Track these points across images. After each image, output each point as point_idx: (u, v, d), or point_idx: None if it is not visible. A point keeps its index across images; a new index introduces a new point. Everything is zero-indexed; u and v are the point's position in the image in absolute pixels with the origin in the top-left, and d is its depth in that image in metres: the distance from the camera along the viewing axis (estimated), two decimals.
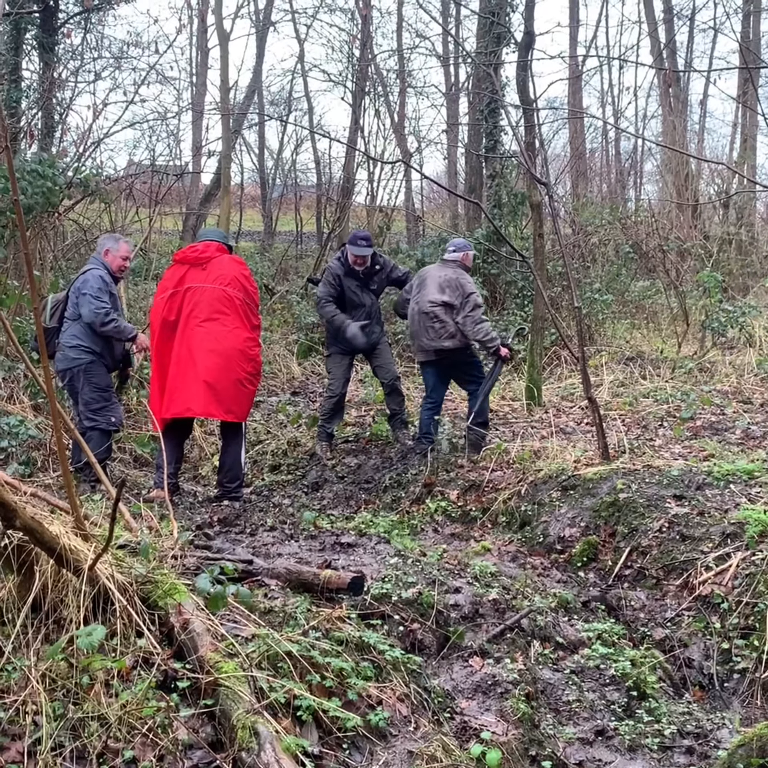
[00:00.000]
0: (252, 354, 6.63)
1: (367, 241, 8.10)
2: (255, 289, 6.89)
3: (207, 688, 3.20)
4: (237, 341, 6.53)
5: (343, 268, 8.11)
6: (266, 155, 26.36)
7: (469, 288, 7.85)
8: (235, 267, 6.81)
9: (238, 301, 6.61)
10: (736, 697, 4.51)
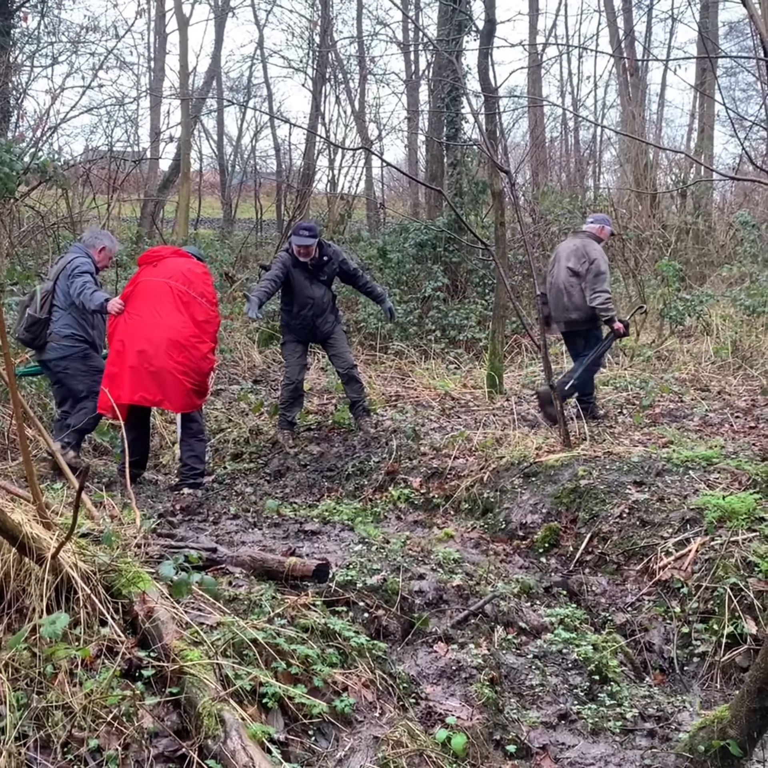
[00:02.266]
0: (186, 345, 6.50)
1: (310, 231, 7.95)
2: (207, 285, 6.80)
3: (172, 676, 3.18)
4: (170, 331, 6.47)
5: (292, 259, 8.00)
6: (225, 142, 26.20)
7: (594, 255, 7.94)
8: (184, 263, 6.83)
9: (179, 293, 6.59)
10: (696, 681, 4.59)
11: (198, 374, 6.62)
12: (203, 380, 6.75)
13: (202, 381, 6.74)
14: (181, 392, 6.56)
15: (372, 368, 11.14)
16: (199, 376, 6.64)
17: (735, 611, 4.73)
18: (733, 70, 23.84)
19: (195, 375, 6.60)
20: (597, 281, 7.80)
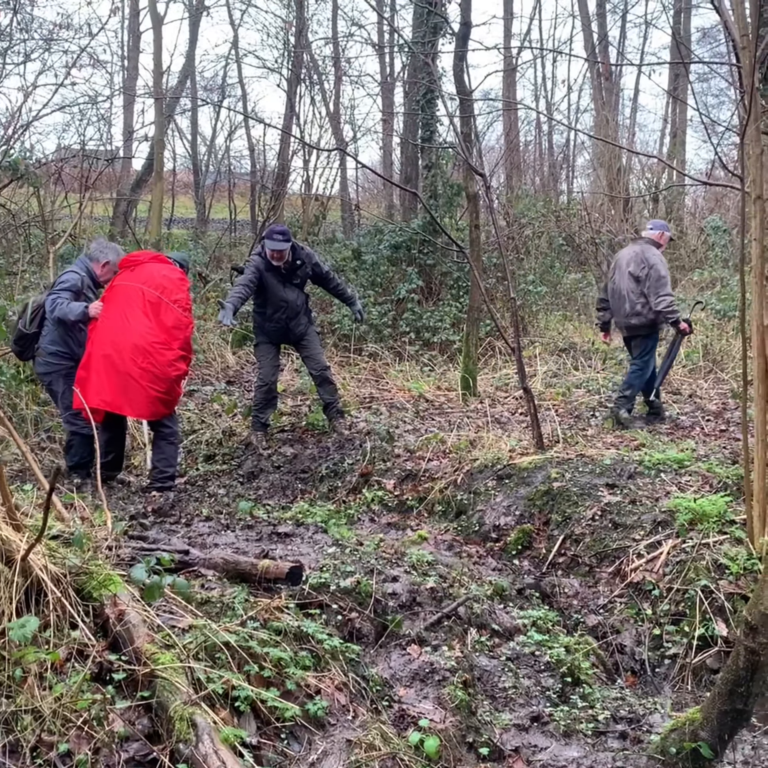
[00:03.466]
0: (151, 350, 6.43)
1: (284, 235, 7.90)
2: (181, 290, 6.74)
3: (143, 679, 3.16)
4: (135, 336, 6.42)
5: (265, 263, 7.96)
6: (199, 141, 26.09)
7: (653, 260, 8.10)
8: (161, 269, 6.77)
9: (149, 298, 6.54)
10: (667, 683, 4.62)
11: (164, 381, 6.52)
12: (170, 387, 6.63)
13: (169, 388, 6.63)
14: (144, 399, 6.48)
15: (346, 370, 11.13)
16: (165, 384, 6.54)
17: (706, 613, 4.76)
18: (706, 75, 24.05)
19: (160, 382, 6.50)
20: (659, 285, 7.99)
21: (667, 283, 8.03)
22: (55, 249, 10.60)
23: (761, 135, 4.65)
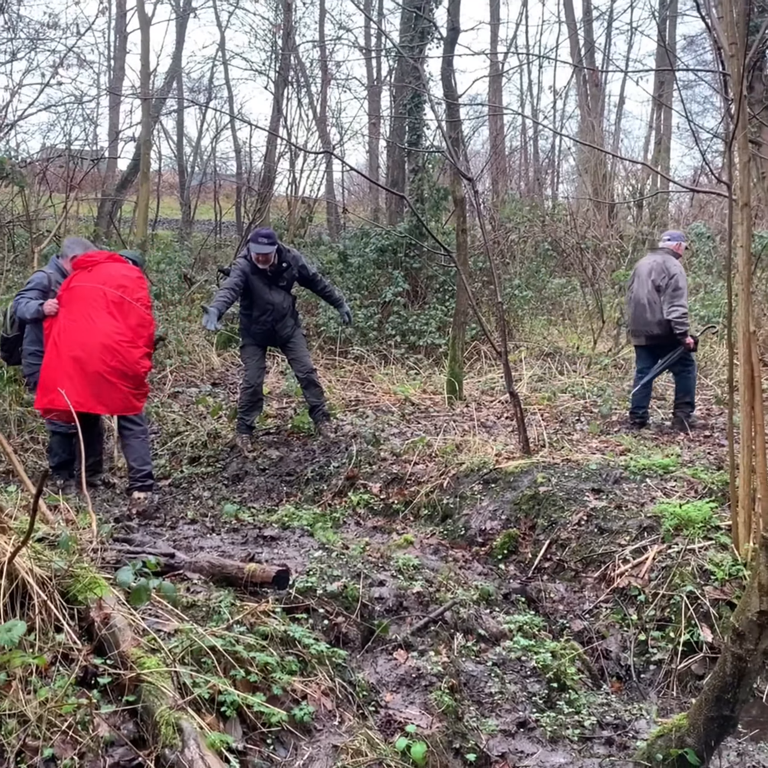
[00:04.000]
0: (119, 349, 6.47)
1: (269, 238, 7.87)
2: (141, 289, 6.79)
3: (129, 684, 3.13)
4: (103, 336, 6.45)
5: (250, 266, 7.93)
6: (185, 143, 26.04)
7: (674, 270, 8.21)
8: (119, 268, 6.81)
9: (112, 299, 6.58)
10: (652, 688, 4.62)
11: (133, 378, 6.60)
12: (140, 383, 6.72)
13: (139, 384, 6.71)
14: (117, 395, 6.54)
15: (332, 373, 11.12)
16: (135, 380, 6.62)
17: (691, 619, 4.77)
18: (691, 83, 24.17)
19: (130, 379, 6.58)
20: (675, 296, 8.09)
21: (683, 294, 8.15)
22: (39, 249, 10.53)
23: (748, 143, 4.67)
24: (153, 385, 10.24)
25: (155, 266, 13.88)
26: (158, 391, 10.11)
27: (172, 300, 13.26)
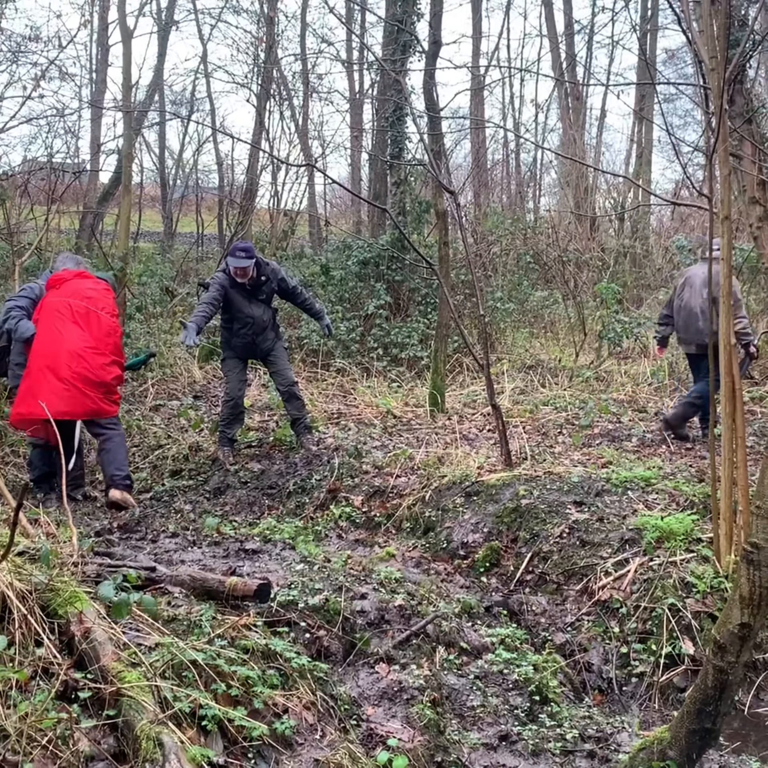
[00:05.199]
0: (84, 355, 6.65)
1: (247, 252, 7.87)
2: (107, 298, 6.99)
3: (109, 698, 3.10)
4: (68, 344, 6.64)
5: (229, 280, 7.93)
6: (167, 155, 26.01)
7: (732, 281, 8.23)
8: (86, 283, 7.01)
9: (77, 309, 6.78)
10: (634, 701, 4.62)
11: (100, 384, 6.72)
12: (108, 389, 6.83)
13: (108, 390, 6.83)
14: (84, 401, 6.65)
15: (314, 385, 11.10)
16: (102, 386, 6.75)
17: (673, 632, 4.78)
18: (671, 96, 24.40)
19: (96, 385, 6.70)
20: (736, 307, 8.13)
21: (742, 305, 8.28)
22: (20, 262, 10.49)
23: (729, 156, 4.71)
24: (134, 398, 10.21)
25: (137, 279, 13.86)
26: (140, 404, 10.07)
27: (154, 313, 13.24)
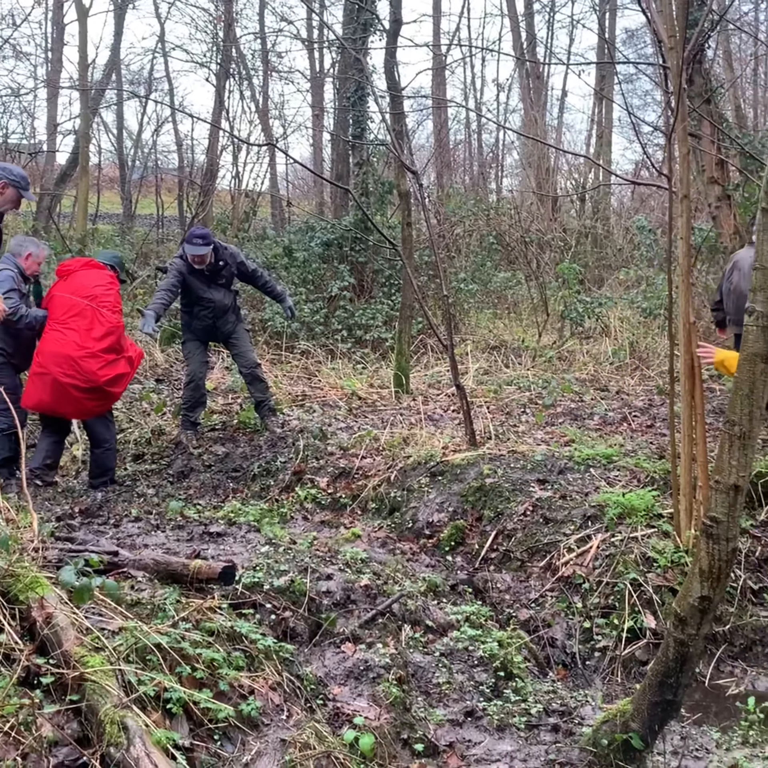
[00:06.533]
0: (77, 359, 6.59)
1: (204, 238, 7.79)
2: (109, 294, 6.89)
3: (72, 683, 3.08)
4: (66, 348, 6.60)
5: (187, 266, 7.86)
6: (125, 136, 25.67)
7: None
8: (91, 277, 6.92)
9: (79, 308, 6.73)
10: (597, 675, 4.68)
11: (91, 390, 6.67)
12: (101, 394, 6.77)
13: (100, 395, 6.77)
14: (74, 402, 6.66)
15: (278, 368, 11.05)
16: (94, 391, 6.70)
17: (635, 606, 4.84)
18: (631, 77, 24.48)
19: (87, 390, 6.66)
20: None
21: None
22: None
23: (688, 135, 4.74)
24: None
25: None
26: None
27: None
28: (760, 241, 2.87)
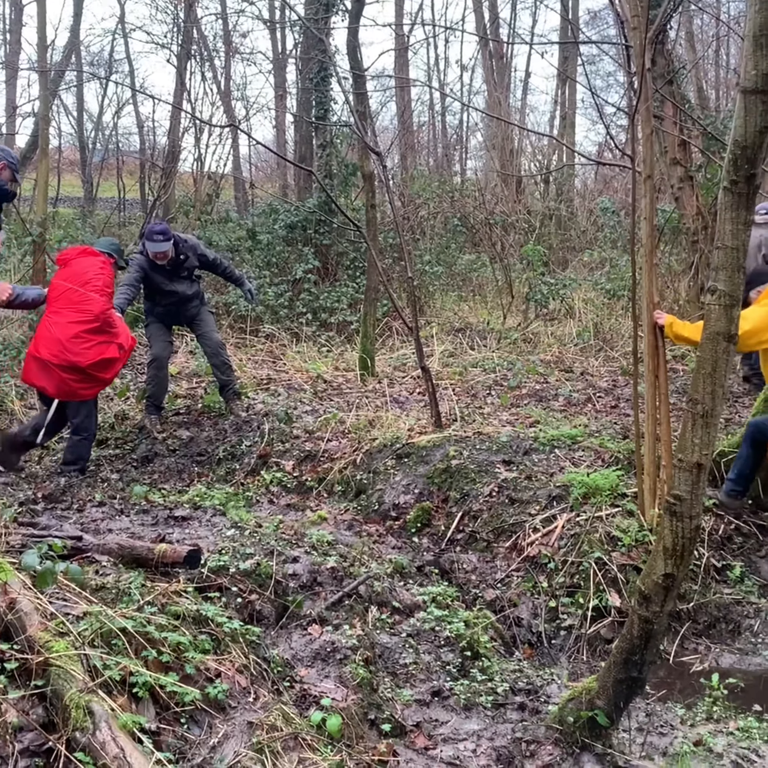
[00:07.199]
0: (62, 339, 6.59)
1: (165, 234, 7.71)
2: (99, 277, 6.86)
3: (37, 668, 3.06)
4: (57, 332, 6.63)
5: (148, 262, 7.80)
6: (85, 118, 25.31)
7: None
8: (86, 264, 6.92)
9: (70, 295, 6.73)
10: (563, 653, 4.72)
11: (75, 370, 6.64)
12: (85, 375, 6.71)
13: (85, 376, 6.71)
14: (59, 382, 6.66)
15: (243, 351, 10.99)
16: (78, 372, 6.66)
17: (599, 585, 4.89)
18: (594, 58, 24.51)
19: (72, 370, 6.64)
20: None
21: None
22: None
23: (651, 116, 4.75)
24: None
25: (56, 245, 13.51)
26: None
27: None
28: (722, 220, 2.89)
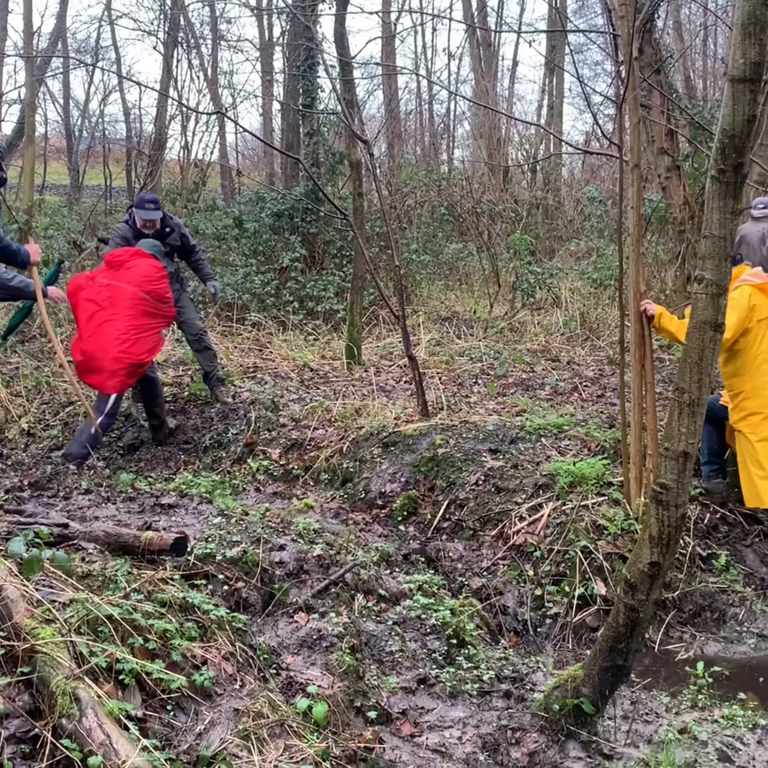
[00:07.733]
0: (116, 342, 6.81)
1: (156, 203, 7.87)
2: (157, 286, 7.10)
3: (23, 655, 3.05)
4: (107, 332, 6.85)
5: (132, 231, 7.86)
6: (72, 106, 25.18)
7: None
8: (139, 268, 7.11)
9: (130, 297, 6.93)
10: (548, 641, 4.75)
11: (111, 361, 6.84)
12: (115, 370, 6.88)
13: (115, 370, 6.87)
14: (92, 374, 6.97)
15: (229, 339, 10.97)
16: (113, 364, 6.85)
17: (585, 573, 4.91)
18: (582, 47, 24.48)
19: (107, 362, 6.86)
20: None
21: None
22: None
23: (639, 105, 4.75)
24: (43, 354, 9.93)
25: (43, 232, 13.43)
26: (49, 360, 9.81)
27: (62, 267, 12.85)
28: (709, 209, 2.89)
